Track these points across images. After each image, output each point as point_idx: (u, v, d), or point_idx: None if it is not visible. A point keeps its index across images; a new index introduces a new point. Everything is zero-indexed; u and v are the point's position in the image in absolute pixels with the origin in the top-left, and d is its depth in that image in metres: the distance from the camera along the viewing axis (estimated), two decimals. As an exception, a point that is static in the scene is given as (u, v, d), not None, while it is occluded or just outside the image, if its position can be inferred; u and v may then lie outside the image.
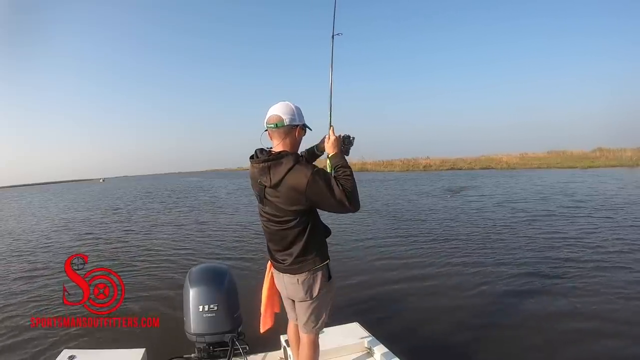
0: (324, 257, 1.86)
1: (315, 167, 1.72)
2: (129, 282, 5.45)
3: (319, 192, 1.66)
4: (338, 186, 1.67)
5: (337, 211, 1.72)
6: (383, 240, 7.53)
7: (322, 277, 1.85)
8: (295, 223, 1.76)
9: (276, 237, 1.85)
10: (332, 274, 1.92)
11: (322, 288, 1.85)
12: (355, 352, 2.53)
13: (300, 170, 1.68)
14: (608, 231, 7.25)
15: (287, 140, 1.80)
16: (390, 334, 2.97)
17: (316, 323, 1.93)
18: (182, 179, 60.42)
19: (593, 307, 3.91)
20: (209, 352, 2.37)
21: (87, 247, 8.36)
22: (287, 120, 1.75)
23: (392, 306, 4.21)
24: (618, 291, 4.28)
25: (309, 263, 1.81)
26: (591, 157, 33.63)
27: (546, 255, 5.84)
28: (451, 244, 6.85)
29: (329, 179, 1.69)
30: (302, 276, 1.82)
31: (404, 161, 41.44)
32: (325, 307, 1.94)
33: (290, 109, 1.78)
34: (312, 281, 1.84)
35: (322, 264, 1.84)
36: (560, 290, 4.41)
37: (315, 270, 1.83)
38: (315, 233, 1.82)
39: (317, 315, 1.92)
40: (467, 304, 4.18)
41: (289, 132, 1.78)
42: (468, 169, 34.89)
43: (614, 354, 3.08)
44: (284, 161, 1.71)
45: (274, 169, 1.72)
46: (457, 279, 4.98)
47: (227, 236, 8.84)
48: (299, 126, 1.80)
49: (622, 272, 4.93)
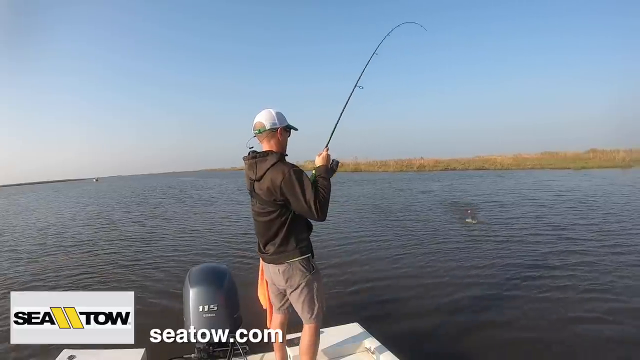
0: (304, 251, 2.00)
1: (295, 167, 1.91)
2: (129, 282, 5.47)
3: (292, 188, 1.84)
4: (312, 191, 1.85)
5: (305, 214, 1.90)
6: (383, 240, 7.54)
7: (301, 269, 1.99)
8: (276, 215, 1.94)
9: (262, 229, 2.03)
10: (315, 266, 2.04)
11: (301, 279, 1.99)
12: (355, 352, 2.53)
13: (280, 167, 1.90)
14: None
15: (272, 142, 2.01)
16: (390, 334, 2.99)
17: (311, 313, 2.04)
18: (177, 178, 60.16)
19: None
20: (209, 352, 2.36)
21: (87, 247, 8.29)
22: (268, 125, 1.98)
23: (392, 306, 4.21)
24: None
25: (289, 255, 1.98)
26: (584, 158, 34.05)
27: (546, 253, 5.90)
28: (451, 244, 6.88)
29: (304, 180, 1.87)
30: (282, 266, 2.01)
31: (398, 162, 41.61)
32: (317, 298, 2.04)
33: (271, 115, 2.00)
34: (291, 272, 2.00)
35: (301, 257, 1.98)
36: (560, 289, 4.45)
37: (293, 262, 1.98)
38: (295, 227, 1.98)
39: (310, 305, 2.03)
40: (467, 304, 4.19)
41: (272, 135, 2.00)
42: (462, 169, 35.11)
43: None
44: (269, 158, 1.94)
45: (259, 165, 1.96)
46: (458, 279, 4.99)
47: (226, 236, 8.81)
48: (279, 128, 1.99)
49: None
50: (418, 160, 41.43)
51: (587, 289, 4.43)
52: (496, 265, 5.43)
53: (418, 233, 8.01)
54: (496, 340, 3.36)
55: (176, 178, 62.13)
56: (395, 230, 8.42)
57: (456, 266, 5.52)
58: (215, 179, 43.91)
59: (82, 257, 7.41)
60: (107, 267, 6.43)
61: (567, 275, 4.88)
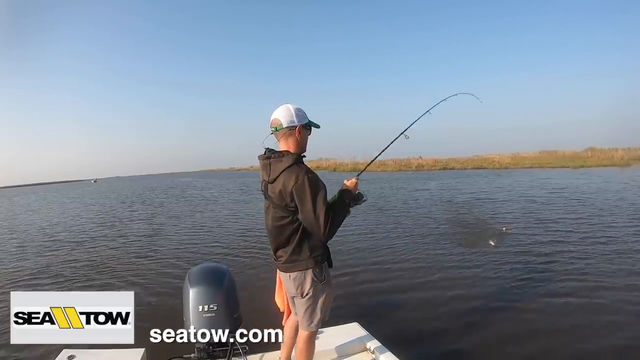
0: (318, 260, 1.88)
1: (311, 173, 1.76)
2: (129, 282, 5.46)
3: (302, 195, 1.71)
4: (324, 203, 1.71)
5: (310, 226, 1.76)
6: (383, 239, 7.53)
7: (313, 278, 1.89)
8: (289, 220, 1.81)
9: (274, 233, 1.90)
10: (327, 276, 1.94)
11: (311, 288, 1.90)
12: (355, 352, 2.53)
13: (294, 170, 1.76)
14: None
15: (290, 141, 1.86)
16: (390, 334, 2.98)
17: (310, 321, 1.97)
18: (176, 179, 60.06)
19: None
20: (209, 352, 2.35)
21: (86, 248, 8.28)
22: (285, 122, 1.82)
23: (392, 306, 4.21)
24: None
25: (301, 264, 1.87)
26: (583, 157, 34.10)
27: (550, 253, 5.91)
28: (452, 244, 6.87)
29: (319, 189, 1.73)
30: (294, 274, 1.90)
31: (397, 161, 41.55)
32: (321, 308, 1.96)
33: (289, 112, 1.84)
34: (302, 280, 1.89)
35: (314, 266, 1.88)
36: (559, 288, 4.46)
37: (306, 271, 1.88)
38: (309, 234, 1.84)
39: (312, 314, 1.96)
40: (468, 304, 4.18)
41: (290, 134, 1.84)
42: (460, 169, 35.13)
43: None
44: (284, 159, 1.80)
45: (273, 166, 1.83)
46: (458, 279, 4.97)
47: (226, 236, 8.80)
48: (298, 126, 1.83)
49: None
50: (417, 159, 41.41)
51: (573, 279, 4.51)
52: (497, 265, 5.43)
53: (418, 233, 8.00)
54: (496, 340, 3.36)
55: (175, 179, 62.02)
56: (395, 230, 8.41)
57: (457, 266, 5.51)
58: (214, 180, 43.85)
59: (82, 256, 7.40)
60: (107, 267, 6.43)
61: (567, 275, 4.89)
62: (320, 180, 1.78)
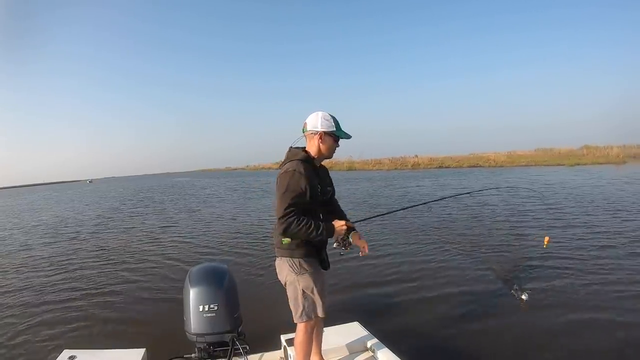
0: (301, 252, 1.97)
1: (297, 170, 1.86)
2: (129, 282, 5.44)
3: (277, 187, 1.88)
4: (286, 204, 1.80)
5: (276, 211, 1.87)
6: (383, 239, 7.48)
7: (291, 267, 1.98)
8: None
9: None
10: (306, 270, 1.98)
11: (287, 277, 2.00)
12: (355, 352, 2.53)
13: (289, 164, 1.92)
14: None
15: (311, 144, 2.02)
16: (390, 333, 2.95)
17: (295, 312, 2.02)
18: (173, 179, 59.88)
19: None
20: (209, 352, 2.35)
21: (85, 249, 8.24)
22: (309, 126, 1.99)
23: (392, 306, 4.19)
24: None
25: (285, 251, 1.99)
26: (578, 154, 34.25)
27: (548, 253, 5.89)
28: (452, 244, 6.82)
29: (288, 189, 1.83)
30: (277, 260, 2.07)
31: (393, 160, 41.57)
32: (302, 299, 1.99)
33: (315, 118, 1.98)
34: (281, 266, 2.04)
35: (295, 257, 1.97)
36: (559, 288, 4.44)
37: (282, 258, 2.02)
38: None
39: (294, 305, 2.01)
40: (468, 304, 4.17)
41: (311, 137, 2.01)
42: (456, 167, 35.18)
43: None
44: (292, 154, 1.98)
45: (285, 158, 2.01)
46: (459, 279, 4.95)
47: (226, 235, 8.74)
48: (319, 132, 1.96)
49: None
50: (412, 158, 41.42)
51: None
52: (496, 265, 5.43)
53: (418, 232, 7.98)
54: (497, 340, 3.36)
55: (172, 178, 61.78)
56: (395, 230, 8.40)
57: (457, 266, 5.50)
58: (212, 179, 43.72)
59: (83, 255, 7.38)
60: (107, 267, 6.39)
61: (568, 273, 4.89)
62: (301, 180, 1.84)
